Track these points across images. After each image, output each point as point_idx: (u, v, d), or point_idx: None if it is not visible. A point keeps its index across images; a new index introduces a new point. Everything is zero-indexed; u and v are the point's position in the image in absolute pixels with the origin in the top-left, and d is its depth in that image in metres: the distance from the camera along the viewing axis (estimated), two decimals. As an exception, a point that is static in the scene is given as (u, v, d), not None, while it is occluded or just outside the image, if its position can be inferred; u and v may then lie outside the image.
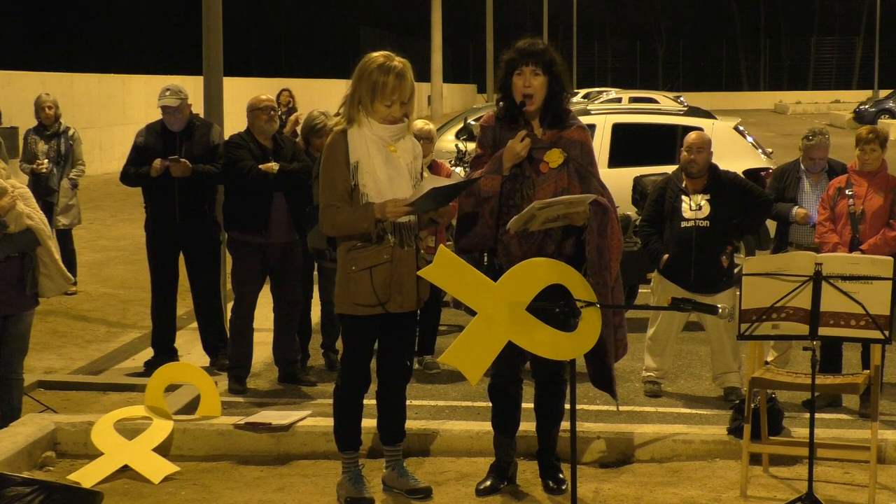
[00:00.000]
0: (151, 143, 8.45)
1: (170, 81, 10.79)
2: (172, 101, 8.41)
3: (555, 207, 5.35)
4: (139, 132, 8.63)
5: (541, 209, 5.30)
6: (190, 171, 8.26)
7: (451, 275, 5.28)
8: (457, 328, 9.37)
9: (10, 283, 6.61)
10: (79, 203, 11.64)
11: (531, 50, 5.61)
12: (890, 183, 7.64)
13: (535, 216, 5.33)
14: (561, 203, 5.36)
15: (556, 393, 5.86)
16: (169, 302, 8.67)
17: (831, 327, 5.43)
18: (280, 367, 8.28)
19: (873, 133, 7.69)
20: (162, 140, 8.44)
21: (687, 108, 14.73)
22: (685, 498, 5.82)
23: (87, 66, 41.26)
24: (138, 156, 8.48)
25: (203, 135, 8.52)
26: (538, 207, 5.29)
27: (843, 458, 6.18)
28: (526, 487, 5.92)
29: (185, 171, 8.25)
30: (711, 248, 7.73)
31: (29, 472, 6.12)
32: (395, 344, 5.69)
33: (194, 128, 8.53)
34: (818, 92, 73.38)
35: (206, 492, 5.98)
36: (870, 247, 7.43)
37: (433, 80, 44.45)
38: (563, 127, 5.67)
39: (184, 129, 8.47)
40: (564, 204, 5.37)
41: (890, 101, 47.80)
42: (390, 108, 5.44)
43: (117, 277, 12.50)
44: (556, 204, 5.34)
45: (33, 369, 8.46)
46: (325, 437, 6.37)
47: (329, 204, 5.48)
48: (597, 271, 5.45)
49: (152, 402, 6.72)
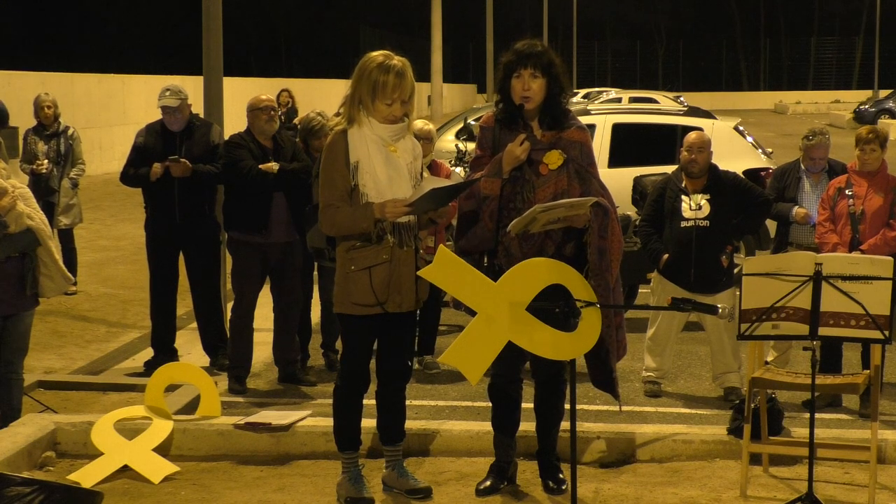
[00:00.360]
0: (151, 144, 8.45)
1: (169, 81, 10.79)
2: (172, 101, 8.41)
3: (556, 210, 5.35)
4: (139, 132, 8.63)
5: (542, 212, 5.30)
6: (190, 171, 8.26)
7: (451, 275, 5.28)
8: (457, 328, 9.37)
9: (11, 283, 6.61)
10: (80, 202, 11.64)
11: (529, 52, 5.61)
12: (890, 183, 7.63)
13: (536, 219, 5.33)
14: (562, 206, 5.36)
15: (556, 393, 5.86)
16: (169, 302, 8.67)
17: (831, 327, 5.43)
18: (280, 367, 8.28)
19: (873, 133, 7.69)
20: (162, 140, 8.44)
21: (687, 108, 14.73)
22: (685, 498, 5.82)
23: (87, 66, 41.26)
24: (138, 156, 8.48)
25: (203, 135, 8.53)
26: (539, 211, 5.29)
27: (843, 458, 6.18)
28: (526, 487, 5.92)
29: (186, 172, 8.25)
30: (711, 248, 7.73)
31: (29, 472, 6.11)
32: (394, 344, 5.69)
33: (194, 128, 8.53)
34: (818, 92, 73.39)
35: (206, 492, 5.98)
36: (870, 247, 7.43)
37: (433, 80, 44.45)
38: (562, 128, 5.66)
39: (184, 129, 8.47)
40: (566, 207, 5.37)
41: (890, 101, 47.80)
42: (391, 106, 5.45)
43: (117, 277, 12.50)
44: (557, 207, 5.35)
45: (33, 369, 8.46)
46: (325, 437, 6.37)
47: (329, 203, 5.48)
48: (598, 273, 5.45)
49: (152, 402, 6.72)
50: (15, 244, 6.56)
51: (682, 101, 30.21)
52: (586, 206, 5.41)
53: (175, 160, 8.23)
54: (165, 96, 8.43)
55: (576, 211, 5.41)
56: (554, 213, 5.36)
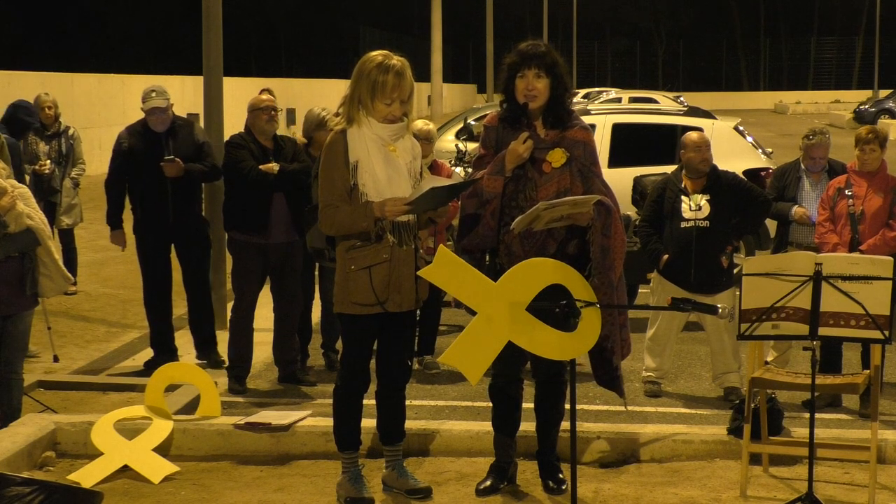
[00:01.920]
0: (138, 146, 8.38)
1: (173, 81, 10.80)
2: (161, 102, 8.38)
3: (559, 208, 5.35)
4: (120, 136, 8.54)
5: (545, 210, 5.30)
6: (183, 170, 8.25)
7: (451, 275, 5.28)
8: (457, 328, 9.37)
9: (10, 283, 6.61)
10: (80, 202, 11.64)
11: (534, 52, 5.62)
12: (890, 183, 7.63)
13: (539, 216, 5.33)
14: (566, 204, 5.36)
15: (556, 393, 5.86)
16: (165, 303, 8.65)
17: (831, 327, 5.43)
18: (280, 368, 8.27)
19: (873, 133, 7.69)
20: (147, 142, 8.39)
21: (687, 108, 14.73)
22: (685, 498, 5.82)
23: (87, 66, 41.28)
24: (125, 160, 8.44)
25: (188, 134, 8.50)
26: (543, 208, 5.29)
27: (843, 458, 6.18)
28: (526, 487, 5.93)
29: (179, 171, 8.24)
30: (711, 249, 7.73)
31: (29, 472, 6.11)
32: (394, 343, 5.69)
33: (177, 127, 8.50)
34: (818, 92, 73.39)
35: (206, 492, 5.98)
36: (869, 247, 7.42)
37: (433, 80, 44.44)
38: (565, 127, 5.67)
39: (168, 129, 8.44)
40: (569, 204, 5.37)
41: (890, 101, 47.80)
42: (390, 106, 5.45)
43: (117, 277, 12.50)
44: (560, 205, 5.35)
45: (33, 369, 8.46)
46: (325, 437, 6.36)
47: (328, 203, 5.48)
48: (601, 271, 5.46)
49: (152, 402, 6.72)
50: (15, 244, 6.56)
51: (682, 101, 30.21)
52: (590, 203, 5.41)
53: (171, 160, 8.22)
54: (152, 97, 8.40)
55: (579, 209, 5.41)
56: (557, 211, 5.36)
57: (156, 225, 8.45)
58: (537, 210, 5.30)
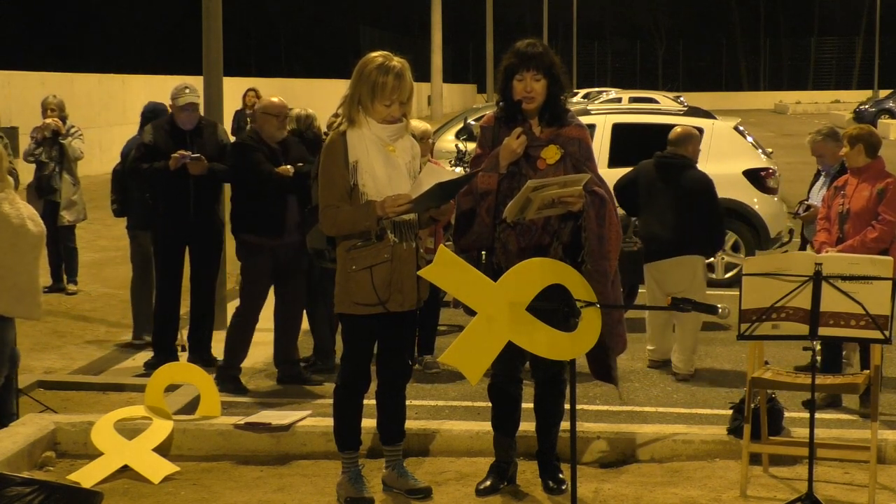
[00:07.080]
0: (162, 142, 8.35)
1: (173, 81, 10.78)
2: (194, 98, 8.35)
3: (549, 188, 5.32)
4: (145, 130, 8.53)
5: (535, 190, 5.27)
6: (207, 169, 8.22)
7: (452, 275, 5.28)
8: (457, 328, 9.37)
9: None
10: (83, 199, 11.61)
11: (531, 54, 5.62)
12: (877, 183, 7.55)
13: (530, 200, 5.30)
14: (555, 183, 5.34)
15: (555, 393, 5.87)
16: (175, 302, 8.63)
17: (831, 327, 5.43)
18: (280, 368, 8.26)
19: (847, 134, 7.69)
20: (172, 139, 8.36)
21: (687, 108, 14.72)
22: (685, 498, 5.82)
23: (87, 66, 41.27)
24: (149, 153, 8.40)
25: (212, 134, 8.48)
26: (532, 188, 5.27)
27: (843, 458, 6.18)
28: (526, 487, 5.93)
29: (204, 170, 8.21)
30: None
31: (29, 472, 6.11)
32: (395, 343, 5.70)
33: (202, 127, 8.49)
34: (818, 92, 73.42)
35: (206, 492, 5.98)
36: (844, 248, 7.34)
37: (433, 80, 44.48)
38: (561, 125, 5.68)
39: (193, 128, 8.42)
40: (559, 184, 5.34)
41: (890, 101, 47.81)
42: (389, 107, 5.46)
43: (117, 277, 12.48)
44: (550, 184, 5.32)
45: (33, 369, 8.46)
46: (325, 437, 6.36)
47: (329, 204, 5.48)
48: (596, 259, 5.45)
49: (152, 402, 6.72)
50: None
51: (682, 101, 30.22)
52: (580, 183, 5.39)
53: (197, 158, 8.17)
54: (186, 94, 8.33)
55: (569, 189, 5.38)
56: (547, 192, 5.32)
57: (174, 221, 8.42)
58: (526, 191, 5.28)
